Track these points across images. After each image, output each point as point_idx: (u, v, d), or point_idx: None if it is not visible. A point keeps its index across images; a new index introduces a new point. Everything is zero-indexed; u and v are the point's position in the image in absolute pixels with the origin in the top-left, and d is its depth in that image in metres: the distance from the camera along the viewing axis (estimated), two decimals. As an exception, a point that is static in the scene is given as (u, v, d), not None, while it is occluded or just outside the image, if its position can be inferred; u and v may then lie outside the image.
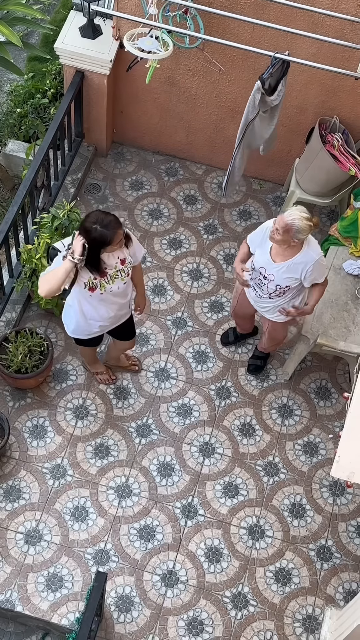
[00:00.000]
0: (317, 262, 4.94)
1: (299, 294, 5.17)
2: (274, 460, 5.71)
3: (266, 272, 5.03)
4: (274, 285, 5.07)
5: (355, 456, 3.13)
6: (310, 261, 4.91)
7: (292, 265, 4.95)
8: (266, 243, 4.99)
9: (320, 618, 5.22)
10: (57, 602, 5.12)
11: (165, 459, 5.64)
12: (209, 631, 5.15)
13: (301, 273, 4.96)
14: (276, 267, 4.99)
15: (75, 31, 6.02)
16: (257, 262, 5.08)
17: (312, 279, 5.01)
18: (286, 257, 4.95)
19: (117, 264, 4.75)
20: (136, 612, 5.16)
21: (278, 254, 4.97)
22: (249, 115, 5.41)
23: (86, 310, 4.96)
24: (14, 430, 5.60)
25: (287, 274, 4.99)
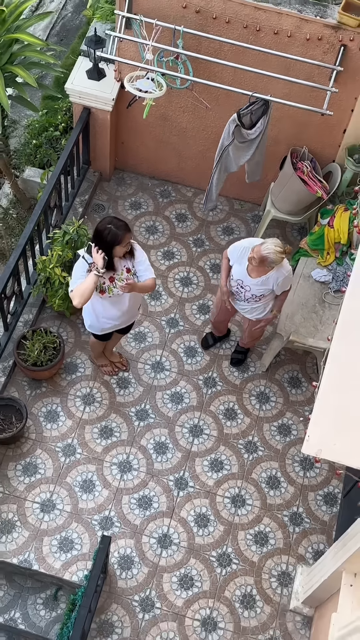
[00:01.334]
0: (287, 277, 5.00)
1: (271, 299, 5.19)
2: (253, 439, 5.70)
3: (243, 283, 5.05)
4: (250, 294, 5.09)
5: (322, 436, 3.12)
6: (281, 276, 4.96)
7: (266, 280, 4.98)
8: (244, 260, 5.00)
9: (293, 574, 5.22)
10: (68, 561, 5.10)
11: (160, 438, 5.63)
12: (198, 585, 5.14)
13: (273, 285, 5.00)
14: (252, 281, 5.01)
15: (83, 74, 6.00)
16: (235, 274, 5.09)
17: (281, 288, 5.06)
18: (260, 274, 4.97)
19: (122, 271, 4.74)
20: (136, 570, 5.15)
21: (254, 270, 4.99)
22: (224, 141, 5.42)
23: (98, 310, 4.96)
24: (31, 415, 5.59)
25: (261, 286, 5.01)
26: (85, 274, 4.68)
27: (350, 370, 3.24)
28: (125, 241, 4.54)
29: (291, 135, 5.99)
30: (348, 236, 5.73)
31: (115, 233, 4.50)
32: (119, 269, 4.73)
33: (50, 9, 8.76)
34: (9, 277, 5.42)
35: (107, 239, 4.52)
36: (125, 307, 4.95)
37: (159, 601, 5.06)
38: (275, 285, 5.01)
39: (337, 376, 3.21)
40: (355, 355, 3.20)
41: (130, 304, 4.96)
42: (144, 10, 5.36)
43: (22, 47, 5.84)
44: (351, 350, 3.29)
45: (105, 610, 5.01)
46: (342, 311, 3.40)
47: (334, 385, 3.20)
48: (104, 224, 4.53)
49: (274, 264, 4.79)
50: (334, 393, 3.20)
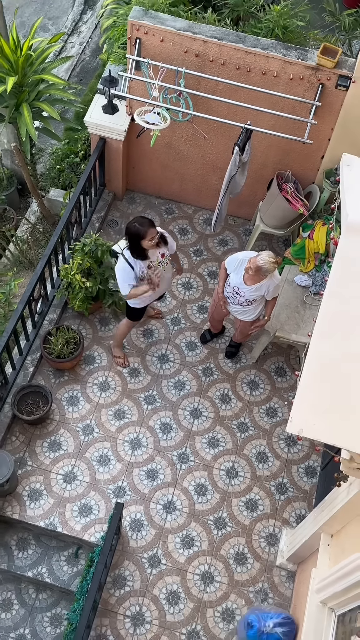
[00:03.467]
0: (277, 285, 5.01)
1: (262, 302, 5.19)
2: (244, 420, 5.70)
3: (239, 290, 5.04)
4: (244, 299, 5.09)
5: (304, 417, 3.11)
6: (272, 284, 4.97)
7: (259, 287, 4.98)
8: (240, 270, 5.00)
9: (279, 535, 5.22)
10: (87, 524, 5.11)
11: (165, 420, 5.63)
12: (198, 545, 5.14)
13: (265, 291, 5.00)
14: (247, 288, 5.00)
15: (99, 109, 5.99)
16: (232, 281, 5.08)
17: (271, 294, 5.07)
18: (255, 282, 4.97)
19: (158, 257, 4.90)
20: (145, 532, 5.15)
21: (249, 279, 4.98)
22: (231, 172, 5.40)
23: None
24: (55, 400, 5.59)
25: (255, 292, 5.01)
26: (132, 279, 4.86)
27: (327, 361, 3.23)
28: (148, 236, 4.66)
29: (277, 161, 5.98)
30: (326, 247, 5.72)
31: (138, 229, 4.67)
32: (154, 257, 4.86)
33: (71, 54, 8.75)
34: (36, 282, 5.42)
35: (133, 232, 4.68)
36: (164, 284, 5.15)
37: (164, 558, 5.06)
38: (267, 292, 5.01)
39: (316, 366, 3.20)
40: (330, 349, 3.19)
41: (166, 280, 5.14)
42: (151, 54, 5.36)
43: (47, 86, 5.84)
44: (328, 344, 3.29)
45: (119, 566, 5.01)
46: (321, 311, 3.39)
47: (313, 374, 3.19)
48: (132, 222, 4.71)
49: (268, 272, 4.78)
50: (313, 381, 3.19)
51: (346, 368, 3.10)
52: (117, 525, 4.73)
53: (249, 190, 6.19)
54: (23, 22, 8.81)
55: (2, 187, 7.08)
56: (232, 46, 5.18)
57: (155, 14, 5.28)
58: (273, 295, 5.08)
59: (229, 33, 5.23)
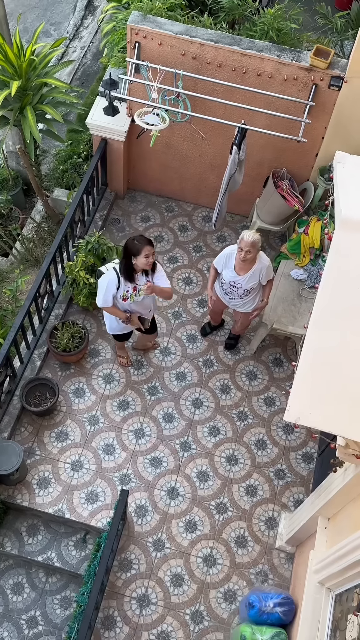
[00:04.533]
0: (268, 267, 4.97)
1: (259, 290, 5.17)
2: (244, 409, 5.70)
3: (235, 283, 5.03)
4: (242, 290, 5.07)
5: (301, 406, 3.11)
6: (263, 267, 4.93)
7: (252, 274, 4.95)
8: (230, 264, 4.98)
9: (278, 519, 5.23)
10: (94, 510, 5.12)
11: (168, 410, 5.63)
12: (200, 529, 5.16)
13: (259, 276, 4.97)
14: (241, 278, 4.99)
15: (100, 111, 5.97)
16: (226, 277, 5.06)
17: (266, 278, 5.03)
18: (247, 270, 4.95)
19: (144, 284, 4.75)
20: (149, 517, 5.16)
21: (241, 269, 4.96)
22: (231, 171, 5.37)
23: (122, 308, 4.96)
24: (62, 392, 5.59)
25: (250, 281, 4.99)
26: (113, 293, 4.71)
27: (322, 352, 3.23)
28: (143, 252, 4.52)
29: (272, 159, 5.95)
30: (320, 242, 5.71)
31: (135, 245, 4.52)
32: (142, 282, 4.73)
33: (72, 58, 8.71)
34: (42, 279, 5.41)
35: (130, 249, 4.54)
36: (143, 312, 5.01)
37: (168, 542, 5.08)
38: (262, 276, 4.99)
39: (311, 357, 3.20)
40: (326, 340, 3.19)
41: (146, 305, 5.00)
42: (150, 57, 5.33)
43: (50, 89, 5.81)
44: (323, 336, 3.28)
45: (125, 550, 5.03)
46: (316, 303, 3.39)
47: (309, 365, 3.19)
48: (131, 240, 4.56)
49: (259, 243, 4.74)
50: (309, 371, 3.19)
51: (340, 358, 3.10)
52: (122, 511, 4.74)
53: (246, 187, 6.16)
54: (26, 28, 8.77)
55: (8, 187, 7.06)
56: (228, 49, 5.15)
57: (154, 18, 5.25)
58: (267, 277, 5.04)
59: (225, 36, 5.20)
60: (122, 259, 4.62)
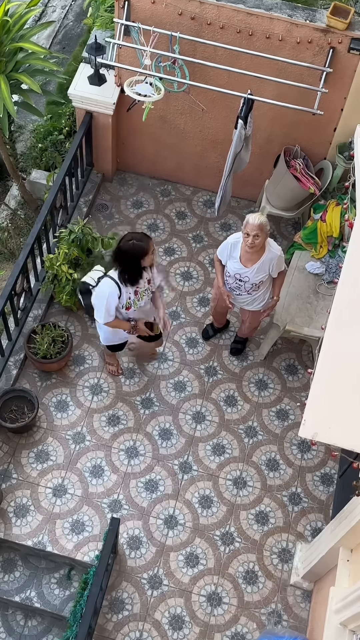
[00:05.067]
0: (279, 256, 4.98)
1: (270, 284, 5.17)
2: (252, 424, 5.71)
3: (241, 276, 5.03)
4: (250, 284, 5.07)
5: (318, 420, 3.13)
6: (274, 257, 4.94)
7: (261, 265, 4.96)
8: (235, 254, 4.99)
9: (292, 551, 5.24)
10: (80, 542, 5.12)
11: (165, 425, 5.64)
12: (203, 563, 5.16)
13: (269, 268, 4.98)
14: (248, 270, 4.99)
15: (85, 80, 5.99)
16: (231, 270, 5.07)
17: (277, 269, 5.04)
18: (255, 261, 4.95)
19: (145, 283, 4.76)
20: (144, 549, 5.17)
21: (247, 260, 4.97)
22: (237, 148, 5.38)
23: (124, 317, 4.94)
24: (42, 405, 5.60)
25: (258, 273, 4.99)
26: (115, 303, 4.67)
27: (343, 357, 3.24)
28: (151, 248, 4.53)
29: (284, 135, 5.97)
30: (340, 230, 5.72)
31: (140, 246, 4.49)
32: (142, 282, 4.75)
33: (52, 19, 8.72)
34: (18, 274, 5.42)
35: (136, 253, 4.49)
36: (145, 313, 5.03)
37: (166, 578, 5.09)
38: (272, 268, 4.99)
39: (330, 363, 3.21)
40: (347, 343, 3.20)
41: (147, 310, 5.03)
42: (141, 18, 5.35)
43: (26, 55, 5.82)
44: (344, 338, 3.29)
45: (116, 588, 5.04)
46: (335, 301, 3.40)
47: (328, 372, 3.20)
48: (126, 242, 4.49)
49: (267, 225, 4.73)
50: (328, 379, 3.20)
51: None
52: (113, 542, 4.75)
53: (254, 168, 6.18)
54: (-2, -16, 8.78)
55: (-22, 169, 7.08)
56: (231, 7, 5.17)
57: (146, -28, 5.27)
58: (279, 269, 5.04)
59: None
60: (125, 264, 4.55)
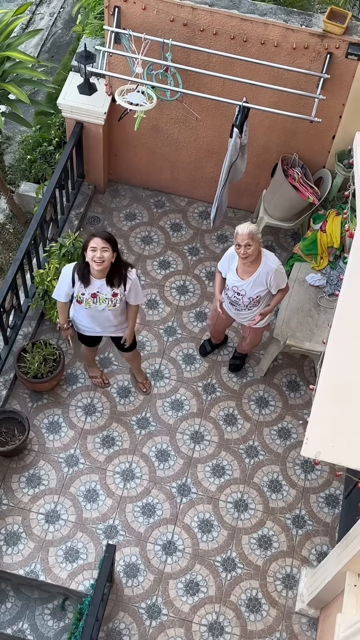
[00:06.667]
0: (277, 270, 4.98)
1: (269, 300, 5.19)
2: (253, 444, 5.71)
3: (238, 289, 5.06)
4: (247, 298, 5.09)
5: (321, 438, 3.13)
6: (271, 270, 4.95)
7: (258, 278, 4.98)
8: (232, 266, 5.03)
9: (297, 576, 5.22)
10: (74, 571, 5.09)
11: (162, 446, 5.63)
12: (204, 591, 5.13)
13: (266, 282, 5.00)
14: (245, 283, 5.02)
15: (74, 89, 6.03)
16: (229, 283, 5.11)
17: (276, 286, 5.05)
18: (251, 273, 4.98)
19: (108, 293, 4.80)
20: (142, 577, 5.14)
21: (244, 272, 4.99)
22: (232, 158, 5.43)
23: (74, 314, 5.10)
24: (33, 427, 5.58)
25: (255, 287, 5.01)
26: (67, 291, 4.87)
27: (346, 372, 3.25)
28: (91, 244, 4.61)
29: (281, 143, 6.02)
30: (341, 240, 5.75)
31: (88, 237, 4.66)
32: (105, 291, 4.79)
33: (40, 26, 8.81)
34: (7, 290, 5.43)
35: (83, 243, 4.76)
36: (103, 324, 5.06)
37: (165, 607, 5.05)
38: (270, 283, 5.00)
39: (333, 379, 3.22)
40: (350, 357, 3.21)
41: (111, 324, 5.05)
42: (132, 25, 5.40)
43: (13, 64, 5.88)
44: (346, 353, 3.30)
45: (113, 618, 5.00)
46: (336, 314, 3.41)
47: (330, 388, 3.21)
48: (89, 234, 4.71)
49: (258, 234, 4.78)
50: (330, 395, 3.21)
51: (368, 379, 3.12)
52: (109, 570, 4.72)
53: (251, 177, 6.22)
54: (-16, -8, 8.87)
55: (-36, 182, 7.10)
56: (225, 13, 5.23)
57: (136, -22, 5.33)
58: (278, 285, 5.05)
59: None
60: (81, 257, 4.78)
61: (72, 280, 4.80)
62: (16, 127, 7.74)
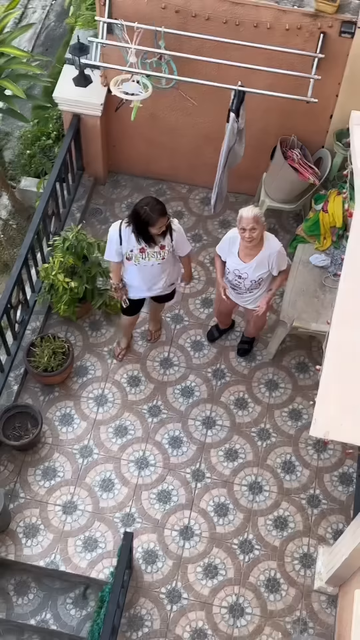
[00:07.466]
0: (279, 252, 5.01)
1: (271, 282, 5.21)
2: (265, 426, 5.74)
3: (240, 272, 5.08)
4: (249, 281, 5.12)
5: (329, 417, 3.16)
6: (273, 252, 4.97)
7: (260, 260, 5.00)
8: (233, 250, 5.04)
9: (314, 555, 5.26)
10: (93, 560, 5.16)
11: (174, 433, 5.68)
12: (223, 574, 5.19)
13: (268, 264, 5.02)
14: (247, 266, 5.03)
15: (70, 82, 6.04)
16: (231, 266, 5.12)
17: (277, 267, 5.07)
18: (253, 256, 5.00)
19: (156, 246, 4.90)
20: (160, 563, 5.20)
21: (246, 255, 5.01)
22: (230, 142, 5.43)
23: (125, 273, 5.18)
24: (46, 420, 5.64)
25: (257, 270, 5.03)
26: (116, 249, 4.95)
27: (351, 350, 3.28)
28: (158, 225, 4.70)
29: (279, 125, 6.01)
30: (343, 219, 5.75)
31: (149, 215, 4.68)
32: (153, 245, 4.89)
33: (33, 20, 8.79)
34: (13, 286, 5.47)
35: (142, 219, 4.72)
36: (153, 280, 5.14)
37: (185, 592, 5.12)
38: (272, 265, 5.03)
39: (338, 358, 3.25)
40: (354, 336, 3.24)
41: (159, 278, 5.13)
42: (124, 14, 5.40)
43: (7, 60, 5.88)
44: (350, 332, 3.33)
45: (134, 604, 5.07)
46: (339, 294, 3.44)
47: (336, 367, 3.24)
48: (142, 204, 4.72)
49: (262, 217, 4.83)
50: (337, 375, 3.24)
51: (373, 357, 3.15)
52: (127, 558, 4.78)
53: (250, 161, 6.21)
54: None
55: (-35, 180, 7.14)
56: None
57: (125, -33, 5.33)
58: (280, 267, 5.07)
59: (212, -18, 5.27)
60: (134, 222, 4.78)
61: (120, 239, 4.89)
62: (14, 123, 7.75)
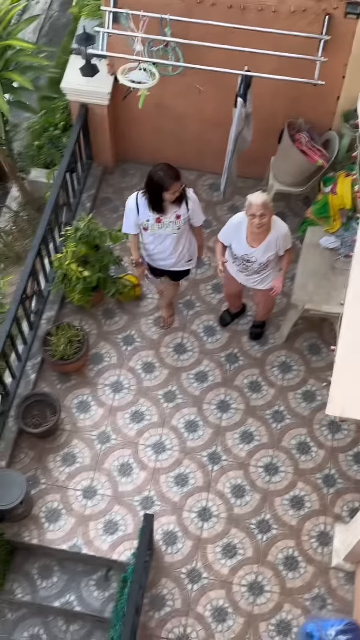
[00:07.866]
0: (285, 234, 5.09)
1: (277, 262, 5.27)
2: (279, 409, 5.80)
3: (249, 257, 5.13)
4: (257, 264, 5.17)
5: (345, 395, 3.22)
6: (280, 235, 5.05)
7: (268, 244, 5.05)
8: (240, 235, 5.08)
9: (331, 533, 5.32)
10: (114, 542, 5.25)
11: (190, 417, 5.74)
12: (241, 553, 5.27)
13: (275, 246, 5.09)
14: (256, 250, 5.08)
15: (76, 71, 6.05)
16: (238, 252, 5.16)
17: (284, 247, 5.16)
18: (261, 240, 5.05)
19: (171, 216, 4.97)
20: (180, 544, 5.28)
21: (254, 240, 5.06)
22: (238, 127, 5.46)
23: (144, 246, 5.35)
24: (64, 407, 5.71)
25: (266, 252, 5.09)
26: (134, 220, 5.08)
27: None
28: (172, 189, 4.76)
29: (286, 108, 6.02)
30: (352, 201, 5.77)
31: (163, 179, 4.75)
32: (169, 213, 4.95)
33: (36, 11, 8.80)
34: (27, 277, 5.54)
35: (155, 182, 4.79)
36: (169, 250, 5.21)
37: (205, 571, 5.21)
38: (279, 246, 5.10)
39: (352, 338, 3.30)
40: (368, 316, 3.29)
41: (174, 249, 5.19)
42: (129, 3, 5.42)
43: (14, 52, 5.93)
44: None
45: (155, 584, 5.16)
46: (352, 275, 3.48)
47: (350, 347, 3.29)
48: (156, 169, 4.80)
49: (270, 202, 4.90)
50: (351, 354, 3.29)
51: (386, 335, 3.19)
52: (148, 539, 4.86)
53: (258, 145, 6.22)
54: (-22, -19, 8.86)
55: (-25, 173, 7.19)
56: (220, -17, 5.22)
57: None
58: (285, 246, 5.16)
59: (216, -32, 5.28)
60: (148, 189, 4.86)
61: (137, 208, 4.99)
62: (22, 114, 7.76)
